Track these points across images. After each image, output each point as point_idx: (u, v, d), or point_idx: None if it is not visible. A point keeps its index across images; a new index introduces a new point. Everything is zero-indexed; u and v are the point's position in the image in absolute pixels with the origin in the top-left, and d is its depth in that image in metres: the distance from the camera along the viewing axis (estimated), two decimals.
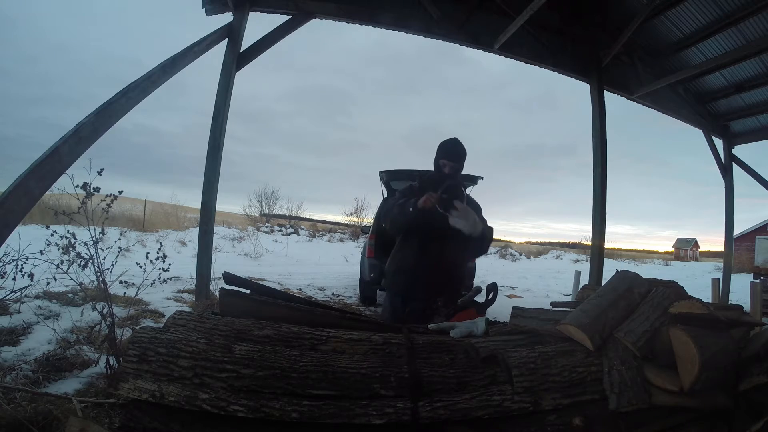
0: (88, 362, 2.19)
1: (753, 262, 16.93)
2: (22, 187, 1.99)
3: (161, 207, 13.12)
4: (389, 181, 5.73)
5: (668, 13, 4.94)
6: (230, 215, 17.73)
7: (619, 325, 1.40)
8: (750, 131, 6.97)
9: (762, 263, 15.47)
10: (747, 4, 4.53)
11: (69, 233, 2.29)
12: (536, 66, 5.30)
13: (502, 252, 18.91)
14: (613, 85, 5.60)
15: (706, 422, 1.26)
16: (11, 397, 1.67)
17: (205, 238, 4.02)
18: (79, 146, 2.28)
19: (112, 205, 2.36)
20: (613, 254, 23.70)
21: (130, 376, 1.15)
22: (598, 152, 5.18)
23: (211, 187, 3.98)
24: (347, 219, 18.80)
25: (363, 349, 1.36)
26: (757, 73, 5.74)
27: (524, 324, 1.65)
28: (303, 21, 4.28)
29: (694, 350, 1.19)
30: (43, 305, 3.09)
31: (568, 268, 14.33)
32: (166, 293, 4.18)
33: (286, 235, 14.48)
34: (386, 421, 1.12)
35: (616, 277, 1.64)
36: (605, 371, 1.27)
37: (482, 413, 1.17)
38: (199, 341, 1.23)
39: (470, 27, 4.82)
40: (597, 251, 5.19)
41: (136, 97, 2.74)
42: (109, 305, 2.14)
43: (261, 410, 1.10)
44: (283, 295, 1.80)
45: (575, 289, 6.03)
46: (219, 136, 4.01)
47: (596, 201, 5.17)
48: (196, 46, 3.40)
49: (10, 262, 2.40)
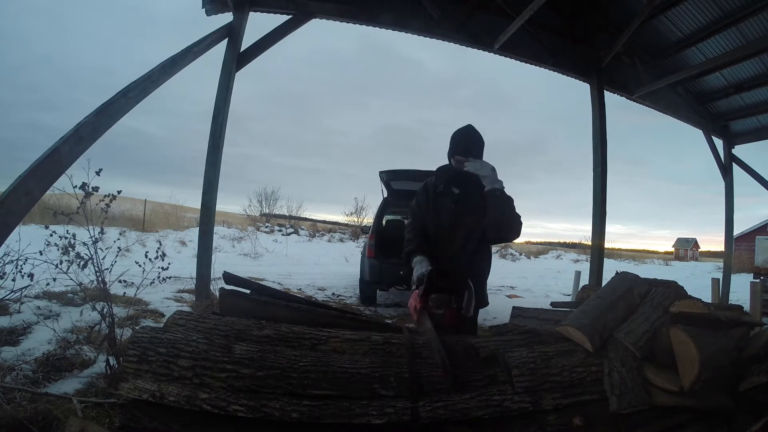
0: (88, 362, 2.19)
1: (753, 262, 16.92)
2: (22, 187, 1.99)
3: (161, 207, 13.12)
4: (389, 181, 5.73)
5: (668, 13, 4.94)
6: (230, 215, 17.73)
7: (619, 325, 1.40)
8: (750, 131, 6.97)
9: (762, 263, 15.46)
10: (747, 4, 4.53)
11: (68, 233, 2.29)
12: (536, 66, 5.30)
13: (502, 252, 18.90)
14: (613, 85, 5.60)
15: (706, 422, 1.26)
16: (11, 397, 1.66)
17: (205, 238, 4.01)
18: (79, 146, 2.28)
19: (110, 205, 2.36)
20: (613, 254, 23.71)
21: (130, 376, 1.15)
22: (598, 152, 5.18)
23: (211, 187, 3.98)
24: (347, 219, 18.79)
25: (363, 348, 1.36)
26: (757, 73, 5.74)
27: (524, 324, 1.65)
28: (303, 21, 4.28)
29: (694, 350, 1.19)
30: (43, 305, 3.09)
31: (568, 268, 14.34)
32: (166, 293, 4.18)
33: (286, 235, 14.47)
34: (386, 421, 1.12)
35: (616, 278, 1.64)
36: (606, 372, 1.27)
37: (482, 413, 1.17)
38: (199, 341, 1.23)
39: (470, 27, 4.82)
40: (597, 251, 5.19)
41: (136, 97, 2.74)
42: (108, 305, 2.14)
43: (261, 410, 1.10)
44: (283, 295, 1.80)
45: (575, 289, 6.03)
46: (219, 136, 4.01)
47: (596, 201, 5.17)
48: (195, 46, 3.39)
49: (9, 262, 2.40)
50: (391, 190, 5.94)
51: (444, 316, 1.53)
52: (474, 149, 1.78)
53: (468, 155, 1.76)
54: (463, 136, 1.82)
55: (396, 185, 5.76)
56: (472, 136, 1.81)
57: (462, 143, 1.80)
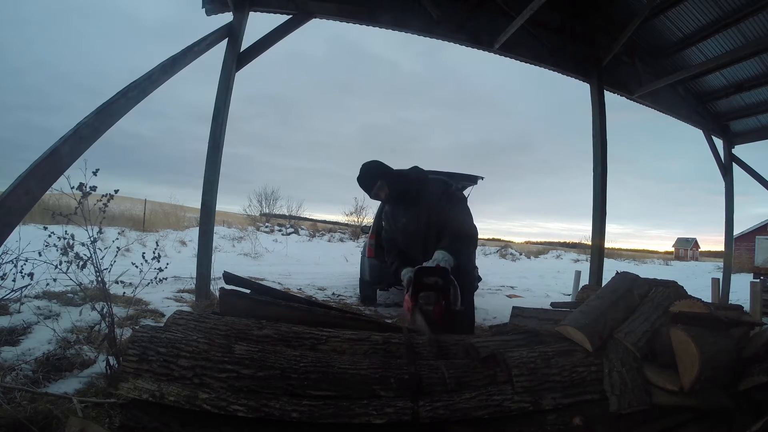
0: (88, 362, 2.18)
1: (753, 262, 16.91)
2: (22, 187, 1.99)
3: (161, 207, 13.12)
4: None
5: (668, 12, 4.94)
6: (230, 215, 17.73)
7: (619, 326, 1.40)
8: (750, 131, 6.97)
9: (762, 263, 15.45)
10: (747, 4, 4.53)
11: (67, 234, 2.29)
12: (536, 66, 5.30)
13: (502, 252, 18.90)
14: (613, 85, 5.60)
15: (706, 422, 1.26)
16: (11, 397, 1.66)
17: (205, 238, 4.01)
18: (79, 146, 2.28)
19: (108, 205, 2.36)
20: (613, 254, 23.68)
21: (130, 376, 1.15)
22: (598, 152, 5.18)
23: (211, 187, 3.98)
24: (347, 219, 18.79)
25: (363, 348, 1.36)
26: (757, 73, 5.74)
27: (524, 324, 1.65)
28: (303, 21, 4.28)
29: (694, 350, 1.19)
30: (43, 305, 3.09)
31: (568, 267, 14.32)
32: (166, 293, 4.18)
33: (286, 235, 14.47)
34: (386, 420, 1.12)
35: (616, 278, 1.64)
36: (606, 372, 1.27)
37: (482, 413, 1.17)
38: (200, 341, 1.23)
39: (470, 27, 4.82)
40: (597, 251, 5.19)
41: (136, 96, 2.73)
42: (108, 305, 2.14)
43: (261, 410, 1.10)
44: (283, 294, 1.81)
45: (575, 289, 6.02)
46: (219, 136, 4.01)
47: (596, 201, 5.17)
48: (196, 45, 3.39)
49: (9, 261, 2.39)
50: None
51: (434, 312, 1.63)
52: (366, 186, 2.03)
53: (364, 189, 2.04)
54: (360, 179, 2.03)
55: None
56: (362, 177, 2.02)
57: (361, 184, 2.04)
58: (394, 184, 2.02)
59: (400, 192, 2.03)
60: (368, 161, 2.07)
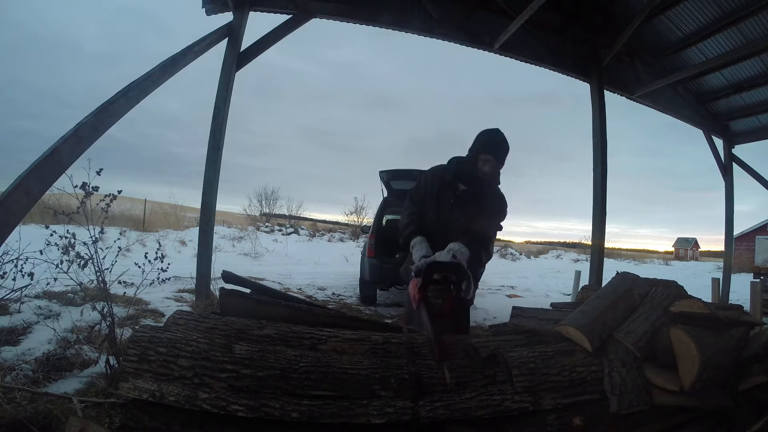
0: (88, 362, 2.18)
1: (753, 262, 16.91)
2: (22, 187, 1.99)
3: (161, 207, 13.12)
4: (389, 180, 5.73)
5: (668, 12, 4.93)
6: (230, 215, 17.72)
7: (619, 326, 1.40)
8: (750, 131, 6.96)
9: (762, 263, 15.46)
10: (747, 4, 4.52)
11: (68, 233, 2.29)
12: (536, 66, 5.30)
13: (503, 252, 18.89)
14: (613, 85, 5.60)
15: (706, 422, 1.26)
16: (11, 396, 1.66)
17: (205, 238, 4.01)
18: (79, 146, 2.28)
19: (111, 205, 2.36)
20: (612, 254, 23.66)
21: (130, 376, 1.15)
22: (598, 152, 5.18)
23: (211, 187, 3.98)
24: (347, 219, 18.78)
25: (363, 348, 1.36)
26: (757, 72, 5.73)
27: (524, 324, 1.65)
28: (303, 21, 4.28)
29: (694, 350, 1.19)
30: (43, 305, 3.09)
31: (568, 267, 14.31)
32: (166, 293, 4.18)
33: (286, 235, 14.46)
34: (386, 420, 1.12)
35: (616, 278, 1.64)
36: (606, 373, 1.27)
37: (482, 413, 1.17)
38: (199, 341, 1.23)
39: (470, 27, 4.82)
40: (597, 251, 5.19)
41: (136, 96, 2.73)
42: (109, 305, 2.14)
43: (261, 410, 1.10)
44: (282, 295, 1.81)
45: (575, 289, 6.02)
46: (219, 136, 4.01)
47: (596, 201, 5.17)
48: (196, 45, 3.39)
49: (9, 261, 2.39)
50: (391, 189, 5.94)
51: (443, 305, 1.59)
52: (500, 152, 1.85)
53: (495, 155, 1.83)
54: (493, 138, 1.86)
55: (396, 185, 5.77)
56: (502, 141, 1.86)
57: (491, 144, 1.85)
58: (499, 167, 1.87)
59: (494, 176, 1.88)
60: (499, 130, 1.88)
